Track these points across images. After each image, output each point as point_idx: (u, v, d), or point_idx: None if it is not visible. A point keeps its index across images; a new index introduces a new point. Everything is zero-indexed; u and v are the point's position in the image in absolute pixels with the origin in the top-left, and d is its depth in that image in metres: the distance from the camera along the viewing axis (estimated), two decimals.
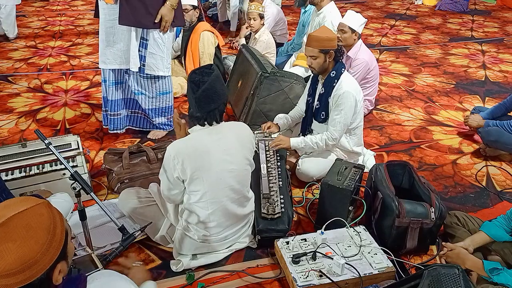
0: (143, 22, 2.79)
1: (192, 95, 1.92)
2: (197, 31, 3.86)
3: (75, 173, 1.86)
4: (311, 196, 2.72)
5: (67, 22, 6.46)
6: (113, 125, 3.19)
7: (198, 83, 1.90)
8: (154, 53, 2.93)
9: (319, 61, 2.59)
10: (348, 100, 2.57)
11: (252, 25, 4.34)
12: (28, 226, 1.03)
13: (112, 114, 3.15)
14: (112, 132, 3.21)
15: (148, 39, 2.89)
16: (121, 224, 1.95)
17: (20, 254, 1.01)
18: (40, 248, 1.04)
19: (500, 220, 2.09)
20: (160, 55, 2.96)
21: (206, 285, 2.04)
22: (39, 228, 1.05)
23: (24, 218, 1.03)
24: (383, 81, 4.57)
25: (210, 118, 1.97)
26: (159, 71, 3.01)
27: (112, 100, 3.10)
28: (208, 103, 1.92)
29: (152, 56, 2.94)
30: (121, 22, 2.77)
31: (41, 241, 1.04)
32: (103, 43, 2.92)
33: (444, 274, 1.56)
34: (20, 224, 1.03)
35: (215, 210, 2.03)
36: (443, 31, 6.77)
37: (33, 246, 1.03)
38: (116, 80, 3.05)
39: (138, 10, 2.74)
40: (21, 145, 2.60)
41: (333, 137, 2.64)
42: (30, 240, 1.03)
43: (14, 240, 1.00)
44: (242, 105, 3.41)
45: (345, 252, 2.06)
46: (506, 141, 3.00)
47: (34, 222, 1.05)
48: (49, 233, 1.07)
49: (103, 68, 3.00)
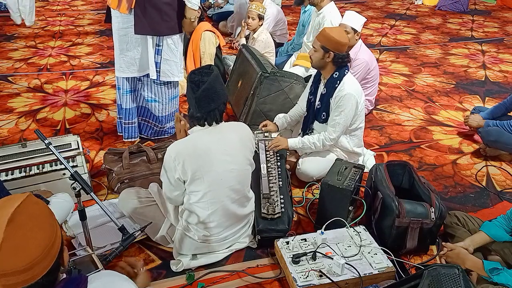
0: (158, 30, 2.77)
1: (192, 95, 1.92)
2: (198, 31, 3.86)
3: (75, 173, 1.86)
4: (311, 196, 2.72)
5: (67, 22, 6.46)
6: (127, 134, 3.19)
7: (198, 83, 1.90)
8: (168, 59, 2.91)
9: (317, 56, 2.61)
10: (349, 102, 2.57)
11: (249, 24, 4.35)
12: (32, 216, 1.07)
13: (127, 122, 3.14)
14: (126, 140, 3.21)
15: (161, 45, 2.87)
16: (121, 224, 1.95)
17: (40, 241, 1.05)
18: (52, 229, 1.09)
19: (500, 220, 2.09)
20: (174, 61, 2.95)
21: (206, 285, 2.04)
22: (41, 214, 1.10)
23: (24, 210, 1.07)
24: (383, 81, 4.57)
25: (211, 118, 1.97)
26: (174, 77, 3.00)
27: (126, 109, 3.09)
28: (208, 103, 1.92)
29: (167, 62, 2.92)
30: (137, 32, 2.74)
31: (48, 223, 1.10)
32: (117, 51, 2.91)
33: (444, 274, 1.56)
34: (24, 216, 1.06)
35: (215, 210, 2.03)
36: (443, 31, 6.77)
37: (46, 230, 1.08)
38: (131, 88, 3.05)
39: (154, 19, 2.72)
40: (21, 145, 2.60)
41: (331, 138, 2.64)
42: (42, 226, 1.07)
43: (28, 231, 1.04)
44: (242, 105, 3.41)
45: (345, 252, 2.06)
46: (506, 141, 3.00)
47: (34, 211, 1.09)
48: (51, 215, 1.13)
49: (117, 76, 3.00)
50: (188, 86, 1.94)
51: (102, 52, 5.18)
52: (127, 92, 3.04)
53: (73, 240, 2.24)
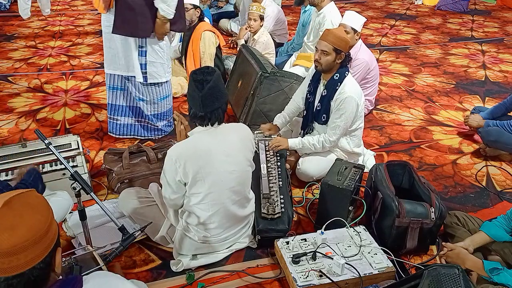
0: (135, 32, 2.79)
1: (198, 93, 1.89)
2: (198, 31, 3.86)
3: (75, 173, 1.86)
4: (311, 196, 2.72)
5: (67, 22, 6.46)
6: (113, 129, 3.22)
7: (202, 82, 1.89)
8: (154, 61, 2.94)
9: (329, 59, 2.53)
10: (350, 105, 2.56)
11: (251, 26, 4.35)
12: (29, 204, 1.08)
13: (112, 118, 3.18)
14: (112, 135, 3.24)
15: (144, 46, 2.88)
16: (121, 224, 1.94)
17: (31, 225, 1.05)
18: (46, 220, 1.09)
19: (500, 220, 2.09)
20: (160, 62, 2.97)
21: (206, 285, 2.04)
22: (39, 204, 1.11)
23: (23, 198, 1.08)
24: (383, 81, 4.57)
25: (215, 117, 1.95)
26: (161, 78, 3.03)
27: (113, 105, 3.13)
28: (212, 102, 1.91)
29: (153, 64, 2.94)
30: (114, 31, 2.79)
31: (44, 214, 1.09)
32: (104, 48, 2.99)
33: (444, 274, 1.56)
34: (22, 202, 1.07)
35: (216, 211, 2.03)
36: (443, 31, 6.77)
37: (39, 218, 1.07)
38: (120, 86, 3.07)
39: (130, 20, 2.74)
40: (21, 145, 2.60)
41: (331, 140, 2.63)
42: (36, 214, 1.08)
43: (21, 214, 1.05)
44: (242, 105, 3.41)
45: (345, 252, 2.06)
46: (506, 141, 3.00)
47: (32, 200, 1.10)
48: (48, 208, 1.12)
49: (106, 72, 3.04)
50: (191, 85, 1.92)
51: (102, 52, 5.13)
52: (115, 89, 3.07)
53: (73, 240, 2.24)
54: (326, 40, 2.52)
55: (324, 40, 2.53)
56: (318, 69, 2.62)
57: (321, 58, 2.55)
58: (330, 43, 2.51)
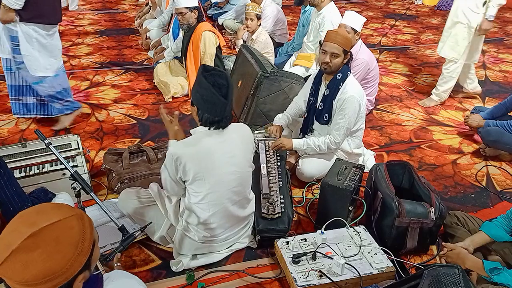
0: None
1: (218, 98, 1.86)
2: (198, 31, 3.85)
3: (75, 173, 1.86)
4: (311, 196, 2.72)
5: (67, 22, 6.45)
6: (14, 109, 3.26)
7: (220, 86, 1.86)
8: (27, 55, 2.95)
9: (339, 61, 2.52)
10: (352, 104, 2.56)
11: (249, 26, 4.36)
12: (57, 240, 1.03)
13: (12, 98, 3.21)
14: (15, 116, 3.32)
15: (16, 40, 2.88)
16: (121, 224, 1.94)
17: (46, 267, 1.00)
18: (66, 263, 1.03)
19: (500, 220, 2.09)
20: (34, 57, 2.97)
21: (206, 285, 2.04)
22: (67, 243, 1.04)
23: (55, 230, 1.03)
24: (383, 81, 4.57)
25: (227, 120, 1.96)
26: (37, 72, 3.02)
27: (8, 85, 3.16)
28: (230, 107, 1.94)
29: (27, 58, 2.96)
30: None
31: (67, 256, 1.03)
32: None
33: (444, 274, 1.56)
34: (50, 236, 1.02)
35: (216, 212, 2.03)
36: (443, 31, 6.74)
37: (59, 260, 1.02)
38: (7, 66, 3.07)
39: None
40: (21, 145, 2.60)
41: (336, 141, 2.63)
42: (58, 254, 1.02)
43: (41, 252, 1.00)
44: (242, 105, 3.41)
45: (345, 252, 2.06)
46: (506, 141, 3.00)
47: (63, 236, 1.04)
48: (76, 248, 1.05)
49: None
50: (208, 90, 1.86)
51: (102, 52, 5.18)
52: (6, 69, 3.08)
53: None
54: (335, 42, 2.49)
55: (333, 42, 2.50)
56: (327, 71, 2.60)
57: (331, 61, 2.52)
58: (340, 45, 2.49)
